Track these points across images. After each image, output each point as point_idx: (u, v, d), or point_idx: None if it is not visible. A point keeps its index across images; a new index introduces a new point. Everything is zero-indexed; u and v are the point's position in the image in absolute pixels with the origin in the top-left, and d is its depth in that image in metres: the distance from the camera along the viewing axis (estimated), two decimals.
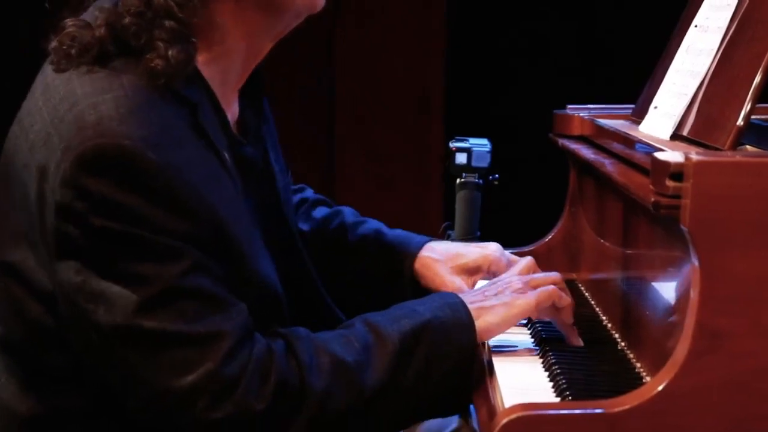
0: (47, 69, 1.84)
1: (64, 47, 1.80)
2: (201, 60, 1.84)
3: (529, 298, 1.98)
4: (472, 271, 2.25)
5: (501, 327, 1.97)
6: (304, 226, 2.32)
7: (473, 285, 2.23)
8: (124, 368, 1.74)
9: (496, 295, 1.99)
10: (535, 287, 2.01)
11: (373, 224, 2.33)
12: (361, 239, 2.30)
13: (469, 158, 2.96)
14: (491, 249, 2.28)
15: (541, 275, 2.08)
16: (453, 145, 2.97)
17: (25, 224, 1.79)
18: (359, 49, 4.49)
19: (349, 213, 2.35)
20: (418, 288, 2.23)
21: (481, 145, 2.99)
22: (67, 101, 1.75)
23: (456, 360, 1.88)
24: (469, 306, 1.93)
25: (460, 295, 1.96)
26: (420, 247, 2.27)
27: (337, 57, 4.49)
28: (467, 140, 2.99)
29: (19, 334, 1.83)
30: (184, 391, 1.72)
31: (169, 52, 1.76)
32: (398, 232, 2.32)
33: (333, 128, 4.61)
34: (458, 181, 3.04)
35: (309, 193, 2.43)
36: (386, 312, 1.92)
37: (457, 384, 1.88)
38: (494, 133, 3.24)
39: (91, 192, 1.69)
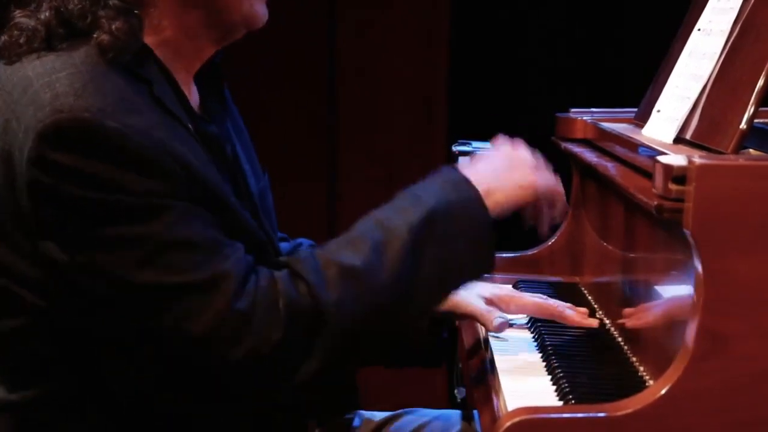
0: None
1: (13, 38, 1.83)
2: (151, 42, 1.86)
3: (541, 179, 1.98)
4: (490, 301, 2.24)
5: (511, 206, 1.95)
6: None
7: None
8: (143, 325, 1.76)
9: (505, 171, 1.97)
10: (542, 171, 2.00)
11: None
12: None
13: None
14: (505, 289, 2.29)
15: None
16: (456, 148, 2.97)
17: None
18: (361, 51, 4.48)
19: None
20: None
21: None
22: (21, 86, 1.77)
23: (471, 235, 1.87)
24: (477, 184, 1.90)
25: (467, 170, 1.94)
26: None
27: (339, 60, 4.48)
28: (470, 144, 3.00)
29: (6, 323, 1.83)
30: (200, 337, 1.73)
31: (113, 26, 1.79)
32: None
33: (335, 131, 4.61)
34: None
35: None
36: (391, 203, 1.91)
37: (478, 255, 1.88)
38: (495, 134, 3.24)
39: (58, 166, 1.70)
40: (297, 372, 1.78)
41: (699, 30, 2.12)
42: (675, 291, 1.83)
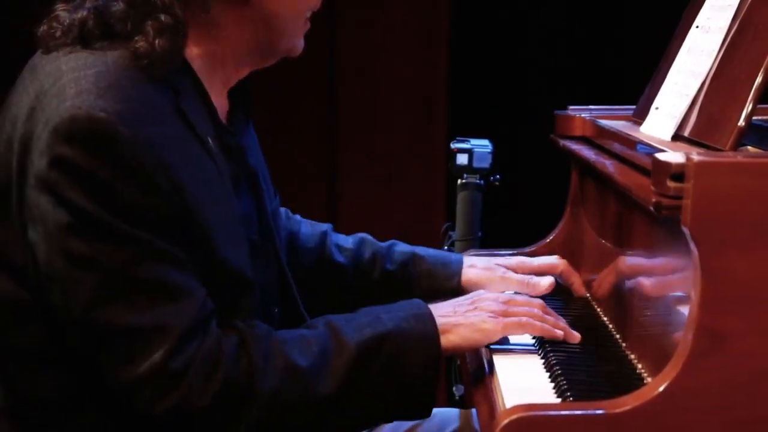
0: (36, 54, 1.88)
1: (51, 30, 1.84)
2: (195, 51, 1.88)
3: (496, 326, 1.96)
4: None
5: (462, 347, 1.95)
6: (340, 259, 2.32)
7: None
8: (84, 347, 1.77)
9: (466, 312, 1.97)
10: (509, 315, 1.98)
11: (404, 248, 2.35)
12: (402, 267, 2.31)
13: (470, 159, 2.97)
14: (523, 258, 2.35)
15: (522, 300, 2.05)
16: (454, 146, 2.98)
17: (2, 199, 1.80)
18: (361, 50, 4.48)
19: (371, 241, 2.36)
20: None
21: (482, 146, 2.99)
22: (52, 77, 1.79)
23: (417, 372, 1.87)
24: (437, 320, 1.91)
25: (431, 306, 1.95)
26: (460, 263, 2.30)
27: (339, 58, 4.48)
28: (468, 141, 3.00)
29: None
30: (130, 383, 1.74)
31: (157, 41, 1.80)
32: (434, 252, 2.34)
33: (335, 131, 4.61)
34: (459, 182, 3.05)
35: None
36: (352, 316, 1.91)
37: (419, 394, 1.88)
38: (495, 134, 3.25)
39: (63, 160, 1.71)
40: None
41: (697, 27, 2.12)
42: (673, 288, 1.83)
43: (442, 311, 1.95)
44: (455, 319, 1.94)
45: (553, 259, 2.38)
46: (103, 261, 1.72)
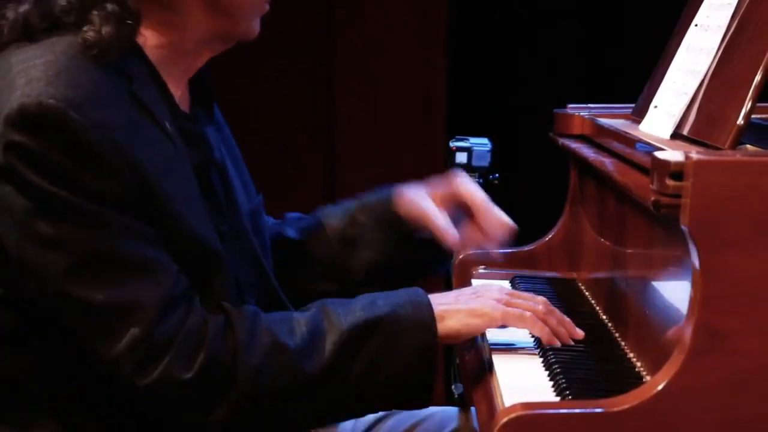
0: None
1: None
2: (152, 40, 1.88)
3: (496, 312, 1.94)
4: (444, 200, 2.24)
5: (461, 333, 1.94)
6: (291, 233, 2.30)
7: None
8: (65, 331, 1.77)
9: (468, 299, 1.96)
10: (512, 305, 1.96)
11: (346, 203, 2.33)
12: (345, 221, 2.29)
13: (469, 157, 2.96)
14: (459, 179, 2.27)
15: (527, 295, 2.03)
16: (453, 144, 2.97)
17: None
18: (361, 49, 4.48)
19: (327, 207, 2.34)
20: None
21: (481, 144, 2.98)
22: (1, 72, 1.80)
23: (410, 358, 1.86)
24: (435, 307, 1.91)
25: (433, 296, 1.94)
26: (392, 191, 2.28)
27: (338, 57, 4.48)
28: (467, 139, 2.99)
29: None
30: (112, 358, 1.74)
31: (103, 29, 1.80)
32: (370, 195, 2.32)
33: (334, 128, 4.61)
34: None
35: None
36: (347, 301, 1.91)
37: (413, 382, 1.87)
38: (495, 132, 3.24)
39: (18, 146, 1.72)
40: (203, 416, 1.79)
41: (696, 25, 2.12)
42: (672, 287, 1.83)
43: (442, 299, 1.95)
44: (455, 306, 1.93)
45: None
46: (71, 240, 1.73)
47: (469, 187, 2.24)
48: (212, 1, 1.90)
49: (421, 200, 2.22)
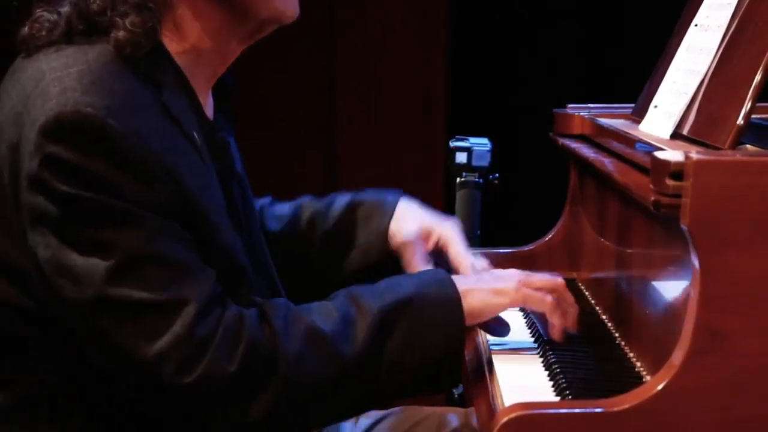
0: (17, 60, 1.89)
1: (33, 31, 1.85)
2: (174, 50, 1.88)
3: (517, 294, 1.96)
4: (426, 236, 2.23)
5: (483, 312, 1.95)
6: (273, 226, 2.30)
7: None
8: (100, 338, 1.76)
9: (488, 279, 1.98)
10: (532, 286, 1.99)
11: (342, 200, 2.30)
12: (336, 219, 2.27)
13: (469, 157, 2.96)
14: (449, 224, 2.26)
15: (543, 277, 2.04)
16: (453, 144, 2.97)
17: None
18: (361, 49, 4.48)
19: (309, 203, 2.31)
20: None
21: (481, 144, 2.99)
22: (34, 79, 1.79)
23: (442, 334, 1.87)
24: (458, 284, 1.92)
25: (454, 277, 1.95)
26: (397, 202, 2.26)
27: (338, 57, 4.48)
28: (467, 139, 2.99)
29: None
30: (153, 358, 1.74)
31: (127, 21, 1.80)
32: (370, 195, 2.29)
33: (334, 128, 4.61)
34: (458, 180, 3.04)
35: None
36: (372, 285, 1.92)
37: (445, 359, 1.88)
38: (494, 132, 3.24)
39: (54, 159, 1.72)
40: (246, 410, 1.79)
41: (696, 25, 2.12)
42: (672, 287, 1.83)
43: (464, 279, 1.96)
44: (477, 285, 1.95)
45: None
46: (112, 242, 1.72)
47: (455, 247, 2.21)
48: None
49: (412, 230, 2.21)
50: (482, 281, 1.97)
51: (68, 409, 1.83)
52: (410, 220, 2.23)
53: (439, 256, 2.22)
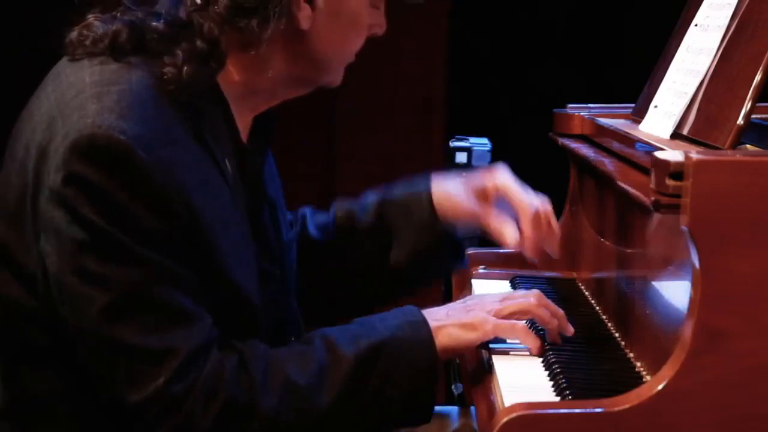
0: (62, 60, 1.88)
1: (81, 37, 1.83)
2: (231, 79, 1.87)
3: (487, 325, 1.94)
4: (484, 195, 2.19)
5: (456, 349, 1.94)
6: (316, 234, 2.28)
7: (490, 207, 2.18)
8: (90, 363, 1.77)
9: (459, 314, 1.95)
10: (503, 316, 1.96)
11: (370, 197, 2.28)
12: (374, 216, 2.24)
13: (469, 157, 2.96)
14: (499, 173, 2.22)
15: (516, 301, 2.00)
16: (453, 144, 2.97)
17: (17, 205, 1.80)
18: (361, 51, 4.49)
19: (341, 204, 2.30)
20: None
21: (481, 144, 2.99)
22: (75, 88, 1.78)
23: (414, 378, 1.86)
24: (430, 324, 1.91)
25: (424, 312, 1.94)
26: (429, 186, 2.22)
27: None
28: (467, 139, 3.00)
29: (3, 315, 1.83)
30: (138, 403, 1.74)
31: (185, 68, 1.78)
32: (400, 189, 2.27)
33: (334, 128, 4.61)
34: None
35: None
36: (346, 328, 1.90)
37: (417, 400, 1.88)
38: (494, 132, 3.24)
39: (78, 177, 1.71)
40: None
41: (696, 25, 2.12)
42: (672, 287, 1.83)
43: (435, 316, 1.94)
44: (447, 321, 1.93)
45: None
46: (115, 280, 1.72)
47: (511, 187, 2.19)
48: (298, 50, 1.89)
49: (465, 198, 2.18)
50: (453, 316, 1.95)
51: (67, 410, 1.83)
52: (454, 192, 2.20)
53: (501, 203, 2.17)
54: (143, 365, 1.73)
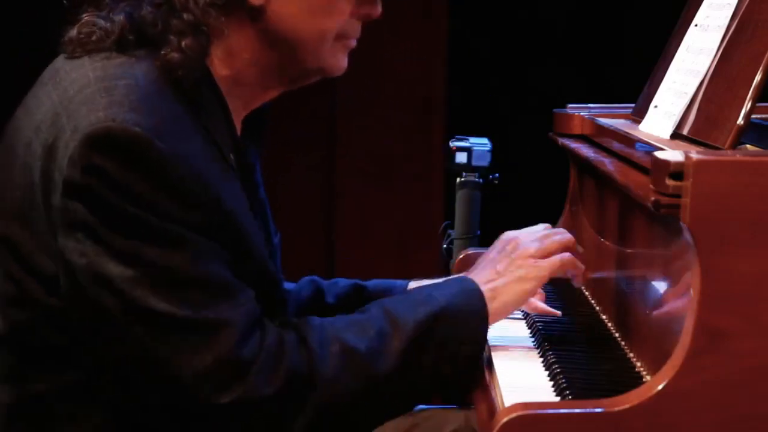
0: (58, 58, 1.88)
1: (82, 35, 1.83)
2: (218, 72, 1.88)
3: (542, 270, 2.01)
4: None
5: (518, 303, 2.00)
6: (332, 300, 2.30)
7: None
8: (139, 351, 1.76)
9: (507, 270, 2.00)
10: (549, 254, 2.02)
11: (345, 282, 2.32)
12: (342, 298, 2.28)
13: (469, 157, 2.97)
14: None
15: (556, 238, 2.06)
16: (453, 144, 2.98)
17: (24, 204, 1.79)
18: (360, 48, 4.49)
19: (318, 279, 2.33)
20: None
21: (481, 144, 2.99)
22: (78, 83, 1.78)
23: (467, 348, 1.89)
24: (483, 288, 1.94)
25: (473, 275, 1.98)
26: (404, 290, 2.26)
27: None
28: (467, 139, 3.00)
29: (11, 317, 1.82)
30: (193, 376, 1.74)
31: (183, 42, 1.80)
32: (377, 282, 2.31)
33: (334, 128, 4.61)
34: (458, 180, 3.05)
35: None
36: (404, 298, 1.96)
37: (467, 369, 1.91)
38: (494, 132, 3.25)
39: (100, 170, 1.71)
40: (283, 429, 1.79)
41: (696, 25, 2.12)
42: (672, 287, 1.83)
43: (485, 277, 1.99)
44: (501, 281, 1.98)
45: None
46: (154, 259, 1.72)
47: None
48: (267, 33, 1.88)
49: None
50: (504, 273, 1.99)
51: (83, 411, 1.83)
52: None
53: None
54: (200, 336, 1.73)
